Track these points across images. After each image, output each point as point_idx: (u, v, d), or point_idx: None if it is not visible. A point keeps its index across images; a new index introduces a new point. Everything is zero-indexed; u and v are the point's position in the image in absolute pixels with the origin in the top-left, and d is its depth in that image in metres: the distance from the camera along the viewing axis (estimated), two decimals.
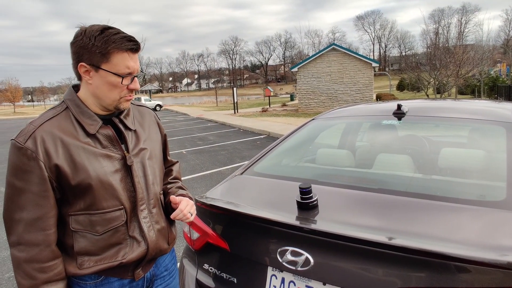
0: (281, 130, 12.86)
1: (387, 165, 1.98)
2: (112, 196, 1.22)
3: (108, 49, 1.15)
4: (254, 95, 74.74)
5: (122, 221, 1.24)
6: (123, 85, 1.21)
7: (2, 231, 4.62)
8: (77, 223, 1.20)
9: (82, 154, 1.18)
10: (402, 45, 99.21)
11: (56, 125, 1.18)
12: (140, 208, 1.29)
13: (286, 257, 1.40)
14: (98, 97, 1.22)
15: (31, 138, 1.13)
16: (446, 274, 1.13)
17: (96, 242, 1.21)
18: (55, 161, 1.14)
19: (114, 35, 1.16)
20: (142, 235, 1.29)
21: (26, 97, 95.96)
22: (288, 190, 1.79)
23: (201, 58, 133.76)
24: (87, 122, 1.21)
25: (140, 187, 1.29)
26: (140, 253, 1.28)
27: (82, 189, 1.18)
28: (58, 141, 1.15)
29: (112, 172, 1.22)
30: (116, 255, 1.24)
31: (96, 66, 1.17)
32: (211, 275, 1.69)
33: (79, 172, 1.16)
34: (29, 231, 1.14)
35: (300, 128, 2.66)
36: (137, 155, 1.30)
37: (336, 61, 21.43)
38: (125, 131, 1.30)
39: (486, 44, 27.08)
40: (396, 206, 1.52)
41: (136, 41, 1.21)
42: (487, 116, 2.06)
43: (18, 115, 40.96)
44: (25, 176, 1.13)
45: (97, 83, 1.20)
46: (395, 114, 2.24)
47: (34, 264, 1.14)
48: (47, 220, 1.15)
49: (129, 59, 1.19)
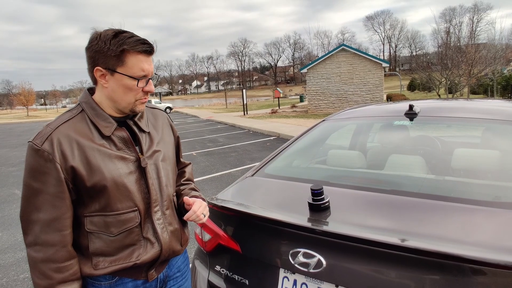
0: (291, 131, 12.83)
1: (399, 166, 1.96)
2: (127, 197, 1.23)
3: (123, 52, 1.17)
4: (263, 96, 74.84)
5: (136, 222, 1.25)
6: (138, 88, 1.22)
7: (17, 232, 4.70)
8: (92, 224, 1.21)
9: (97, 156, 1.19)
10: (412, 45, 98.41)
11: (72, 128, 1.19)
12: (154, 210, 1.30)
13: (298, 259, 1.40)
14: (114, 100, 1.23)
15: (48, 140, 1.15)
16: (461, 277, 1.12)
17: (110, 243, 1.22)
18: (71, 163, 1.15)
19: (129, 38, 1.17)
20: (155, 236, 1.30)
21: (39, 100, 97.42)
22: (299, 192, 1.78)
23: (210, 60, 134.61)
24: (102, 124, 1.22)
25: (154, 189, 1.30)
26: (154, 254, 1.29)
27: (97, 191, 1.19)
28: (74, 143, 1.17)
29: (126, 174, 1.23)
30: (130, 256, 1.25)
31: (111, 69, 1.18)
32: (222, 277, 1.69)
33: (94, 173, 1.18)
34: (45, 231, 1.15)
35: (311, 130, 2.65)
36: (151, 157, 1.31)
37: (346, 62, 21.33)
38: (139, 133, 1.31)
39: (499, 42, 26.66)
40: (409, 208, 1.50)
41: (150, 43, 1.22)
42: (501, 116, 2.03)
43: (31, 118, 41.63)
44: (42, 178, 1.14)
45: (113, 86, 1.21)
46: (407, 115, 2.21)
47: (51, 264, 1.16)
48: (63, 221, 1.17)
49: (144, 62, 1.21)
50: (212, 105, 51.36)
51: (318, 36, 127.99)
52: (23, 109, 57.67)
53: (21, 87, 52.15)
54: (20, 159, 11.17)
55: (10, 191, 7.09)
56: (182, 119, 25.55)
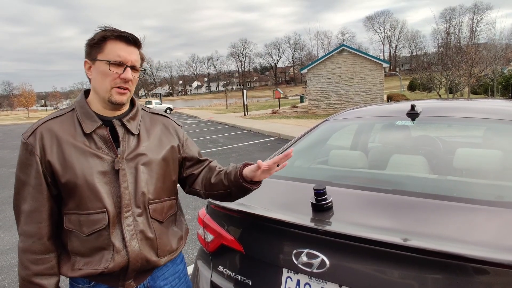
0: (292, 132, 12.83)
1: (401, 166, 1.97)
2: (96, 197, 1.21)
3: (103, 39, 1.21)
4: (263, 97, 74.85)
5: (104, 224, 1.21)
6: (113, 73, 1.20)
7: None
8: (70, 222, 1.24)
9: (73, 152, 1.20)
10: (412, 45, 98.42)
11: (58, 124, 1.23)
12: (124, 215, 1.24)
13: (301, 259, 1.40)
14: (96, 91, 1.26)
15: (33, 134, 1.20)
16: (464, 276, 1.12)
17: (83, 243, 1.23)
18: (48, 158, 1.19)
19: (112, 30, 1.23)
20: (123, 244, 1.24)
21: (39, 102, 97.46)
22: (302, 192, 1.79)
23: (210, 61, 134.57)
24: (86, 122, 1.24)
25: (128, 193, 1.25)
26: (120, 263, 1.23)
27: (70, 188, 1.20)
28: (54, 138, 1.21)
29: (98, 173, 1.21)
30: (100, 261, 1.23)
31: (93, 58, 1.23)
32: (226, 277, 1.70)
33: (67, 170, 1.19)
34: (26, 222, 1.20)
35: (312, 130, 2.65)
36: (132, 160, 1.27)
37: (346, 62, 21.33)
38: (126, 134, 1.28)
39: (499, 42, 26.64)
40: (411, 207, 1.50)
41: (131, 33, 1.25)
42: (502, 116, 2.03)
43: (32, 119, 41.66)
44: (26, 170, 1.20)
45: (94, 75, 1.24)
46: (408, 115, 2.22)
47: (28, 255, 1.20)
48: (40, 213, 1.20)
49: (121, 49, 1.22)
50: (212, 106, 51.37)
51: (318, 36, 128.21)
52: (24, 110, 57.74)
53: (21, 88, 52.26)
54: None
55: (11, 192, 7.09)
56: (182, 120, 25.56)
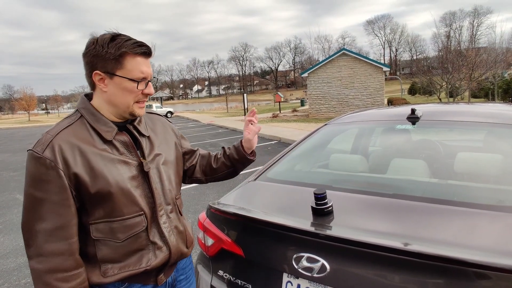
0: (292, 135, 12.83)
1: (402, 170, 1.96)
2: (132, 202, 1.22)
3: (121, 55, 1.16)
4: (264, 101, 74.93)
5: (143, 226, 1.25)
6: (138, 90, 1.21)
7: (18, 238, 4.70)
8: (98, 231, 1.20)
9: (100, 161, 1.17)
10: (413, 49, 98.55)
11: (73, 134, 1.17)
12: (159, 214, 1.30)
13: (301, 264, 1.39)
14: (114, 104, 1.23)
15: (49, 147, 1.12)
16: (465, 281, 1.11)
17: (118, 249, 1.21)
18: (74, 170, 1.13)
19: (126, 41, 1.18)
20: (163, 240, 1.30)
21: (40, 105, 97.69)
22: (302, 196, 1.78)
23: (211, 64, 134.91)
24: (103, 129, 1.21)
25: (158, 193, 1.30)
26: (163, 259, 1.29)
27: (102, 197, 1.17)
28: (76, 149, 1.15)
29: (129, 178, 1.22)
30: (140, 262, 1.24)
31: (110, 73, 1.18)
32: (225, 282, 1.69)
33: (98, 179, 1.16)
34: (50, 241, 1.12)
35: (312, 134, 2.65)
36: (153, 161, 1.31)
37: (347, 66, 21.38)
38: (140, 137, 1.31)
39: (500, 46, 26.75)
40: (412, 212, 1.50)
41: (148, 45, 1.23)
42: (503, 120, 2.03)
43: (32, 123, 41.73)
44: (44, 186, 1.11)
45: (112, 90, 1.20)
46: (409, 119, 2.22)
47: (57, 274, 1.12)
48: (69, 228, 1.14)
49: (142, 64, 1.21)
50: (213, 110, 51.42)
51: (319, 40, 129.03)
52: (25, 114, 57.79)
53: (22, 92, 52.25)
54: (22, 164, 11.17)
55: (11, 196, 7.09)
56: (183, 124, 25.58)
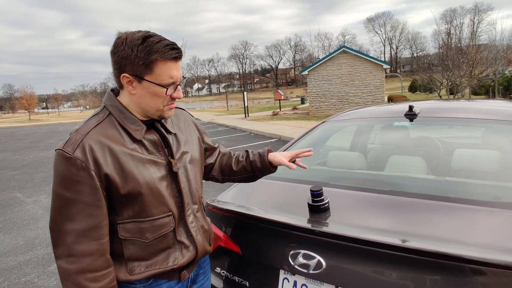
0: (292, 133, 12.83)
1: (400, 167, 1.96)
2: (161, 202, 1.21)
3: (151, 60, 1.11)
4: (264, 99, 74.94)
5: (171, 227, 1.24)
6: (167, 95, 1.18)
7: (18, 236, 4.71)
8: (126, 231, 1.18)
9: (130, 161, 1.15)
10: (413, 46, 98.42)
11: (103, 133, 1.14)
12: (187, 213, 1.29)
13: (298, 260, 1.40)
14: (142, 107, 1.20)
15: (79, 147, 1.09)
16: (461, 277, 1.11)
17: (145, 248, 1.20)
18: (105, 170, 1.11)
19: (157, 43, 1.12)
20: (190, 240, 1.30)
21: (40, 104, 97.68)
22: (299, 193, 1.78)
23: (211, 63, 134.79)
24: (132, 128, 1.18)
25: (186, 193, 1.29)
26: (190, 257, 1.30)
27: (132, 197, 1.16)
28: (106, 149, 1.12)
29: (159, 178, 1.21)
30: (167, 260, 1.24)
31: (139, 77, 1.14)
32: (223, 278, 1.69)
33: (129, 180, 1.14)
34: (80, 241, 1.10)
35: (311, 131, 2.65)
36: (180, 160, 1.29)
37: (347, 64, 21.35)
38: (167, 135, 1.28)
39: (500, 43, 26.65)
40: (409, 208, 1.50)
41: (179, 48, 1.17)
42: (501, 116, 2.02)
43: (33, 122, 41.77)
44: (75, 187, 1.09)
45: (140, 93, 1.17)
46: (406, 116, 2.21)
47: (88, 274, 1.11)
48: (100, 229, 1.13)
49: (172, 69, 1.16)
50: (213, 108, 51.44)
51: (319, 38, 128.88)
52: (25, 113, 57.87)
53: (23, 91, 52.32)
54: (22, 163, 11.20)
55: (12, 194, 7.11)
56: None
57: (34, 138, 20.33)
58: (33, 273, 3.65)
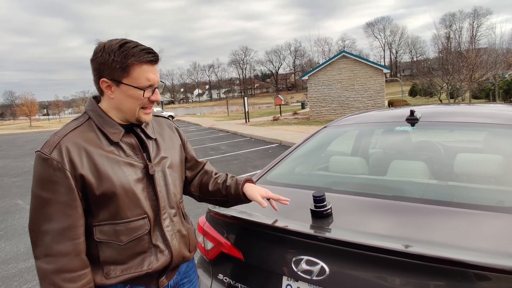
0: (293, 138, 12.83)
1: (402, 172, 1.96)
2: (136, 205, 1.22)
3: (127, 63, 1.16)
4: (265, 104, 75.03)
5: (146, 230, 1.25)
6: (144, 98, 1.22)
7: (19, 243, 4.70)
8: (102, 233, 1.20)
9: (106, 163, 1.18)
10: (413, 50, 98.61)
11: (80, 135, 1.19)
12: (162, 217, 1.30)
13: (301, 266, 1.39)
14: (121, 110, 1.24)
15: (56, 149, 1.14)
16: (465, 282, 1.11)
17: (121, 251, 1.22)
18: (80, 171, 1.14)
19: (133, 48, 1.17)
20: (165, 244, 1.30)
21: (41, 111, 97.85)
22: (301, 199, 1.78)
23: (212, 68, 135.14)
24: (110, 131, 1.22)
25: (162, 196, 1.30)
26: (164, 262, 1.29)
27: (107, 198, 1.18)
28: (82, 151, 1.16)
29: (135, 181, 1.23)
30: (142, 264, 1.25)
31: (117, 81, 1.19)
32: (225, 285, 1.68)
33: (104, 181, 1.17)
34: (57, 241, 1.13)
35: (312, 136, 2.65)
36: (158, 164, 1.31)
37: (347, 68, 21.40)
38: (146, 140, 1.31)
39: (500, 47, 26.74)
40: (412, 213, 1.49)
41: (155, 52, 1.22)
42: (503, 120, 2.02)
43: (34, 128, 41.83)
44: (51, 187, 1.13)
45: (119, 97, 1.21)
46: (408, 120, 2.21)
47: (64, 274, 1.13)
48: (76, 229, 1.15)
49: (149, 72, 1.21)
50: (213, 113, 51.47)
51: (319, 43, 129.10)
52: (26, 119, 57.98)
53: (24, 98, 52.42)
54: (23, 170, 11.20)
55: (13, 201, 7.10)
56: (184, 128, 25.60)
57: (35, 144, 20.34)
58: (34, 280, 3.63)
